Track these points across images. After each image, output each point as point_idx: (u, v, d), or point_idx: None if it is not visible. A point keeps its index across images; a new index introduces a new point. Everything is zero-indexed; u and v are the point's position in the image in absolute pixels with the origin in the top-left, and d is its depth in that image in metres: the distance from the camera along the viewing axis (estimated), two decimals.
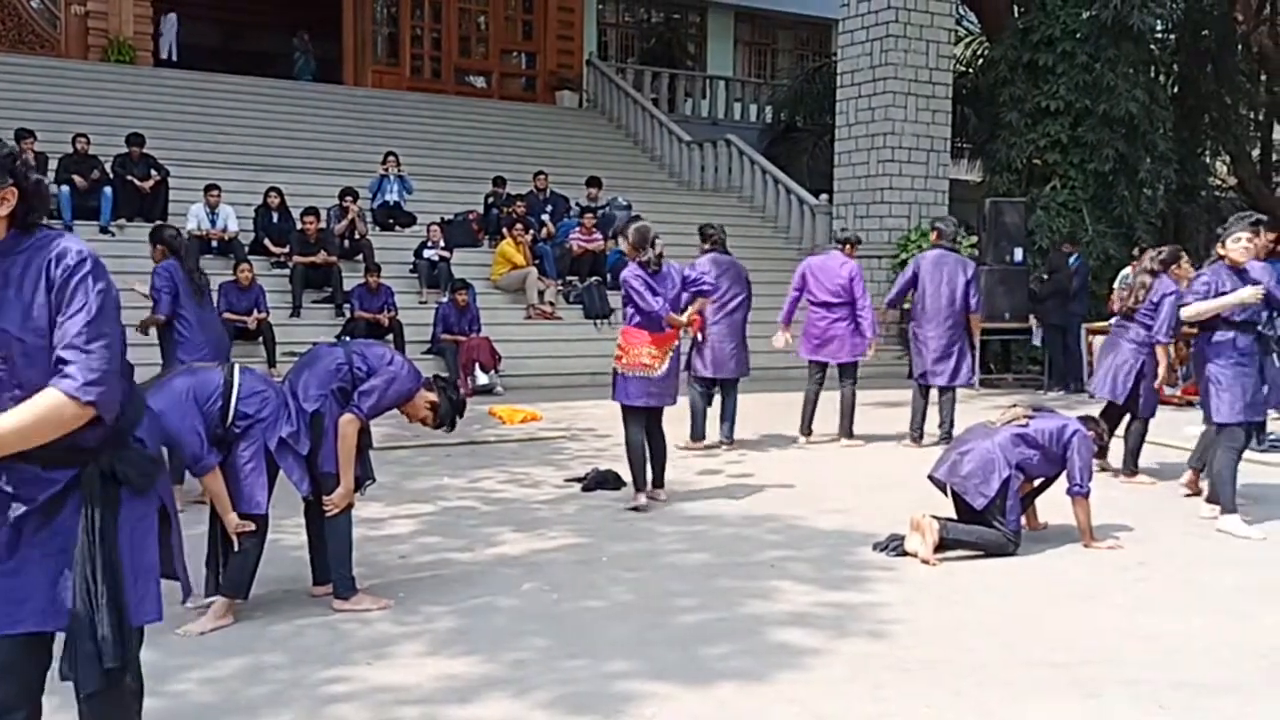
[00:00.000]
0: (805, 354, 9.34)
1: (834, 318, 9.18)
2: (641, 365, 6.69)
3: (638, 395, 6.73)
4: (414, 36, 22.54)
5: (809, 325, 9.30)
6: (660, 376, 6.74)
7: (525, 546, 5.87)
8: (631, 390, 6.73)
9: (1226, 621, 4.74)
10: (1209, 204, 18.92)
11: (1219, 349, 6.25)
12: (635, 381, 6.72)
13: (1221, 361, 6.24)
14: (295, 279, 12.84)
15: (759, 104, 24.43)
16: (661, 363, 6.73)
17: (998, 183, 16.44)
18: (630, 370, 6.72)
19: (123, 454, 2.51)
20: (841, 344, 9.19)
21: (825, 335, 9.21)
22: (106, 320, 2.37)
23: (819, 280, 9.24)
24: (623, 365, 6.76)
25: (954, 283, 9.02)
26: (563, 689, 3.89)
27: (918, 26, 15.63)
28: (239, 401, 4.51)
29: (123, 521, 2.51)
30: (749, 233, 17.34)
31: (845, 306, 9.19)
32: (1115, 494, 7.16)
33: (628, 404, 6.77)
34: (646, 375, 6.70)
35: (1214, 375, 6.25)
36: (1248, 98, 20.63)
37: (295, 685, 3.92)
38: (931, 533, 5.57)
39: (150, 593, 2.59)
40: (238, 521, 4.48)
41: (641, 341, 6.71)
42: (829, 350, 9.22)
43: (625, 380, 6.75)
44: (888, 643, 4.40)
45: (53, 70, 17.80)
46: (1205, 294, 6.27)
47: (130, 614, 2.51)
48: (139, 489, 2.53)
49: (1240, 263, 6.32)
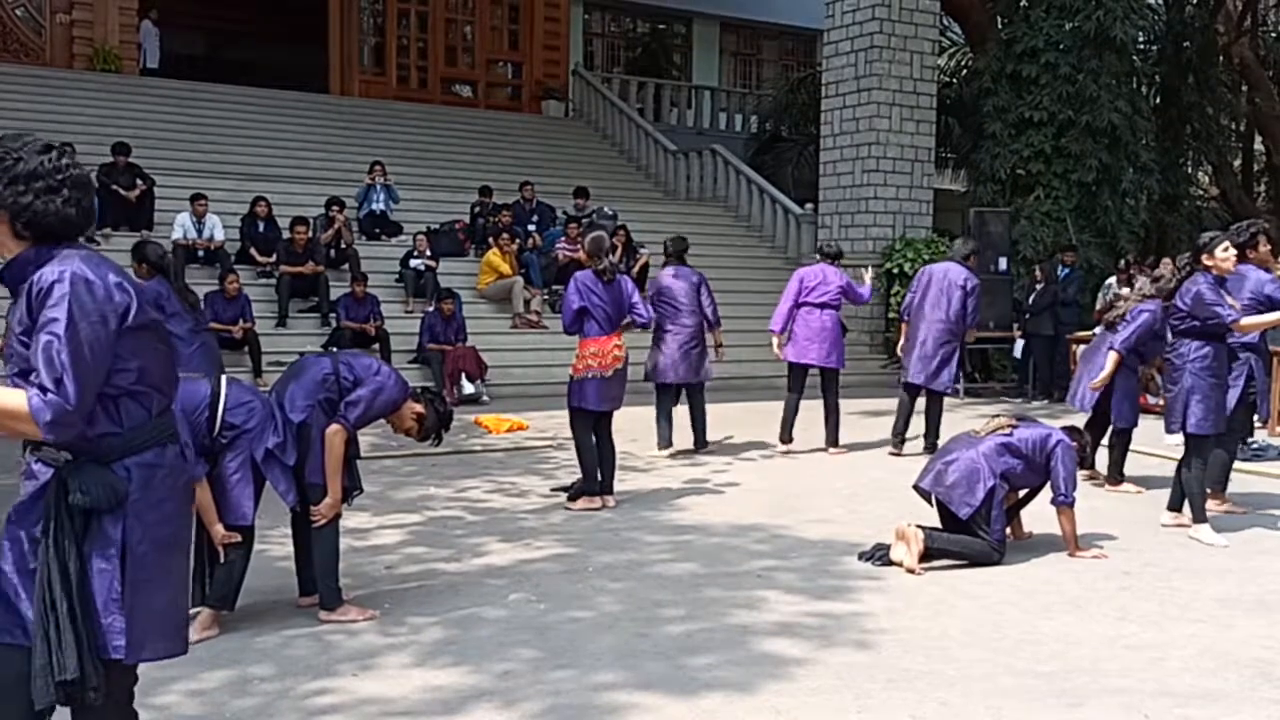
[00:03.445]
0: (791, 357, 9.36)
1: (825, 317, 9.28)
2: (596, 367, 6.93)
3: (595, 399, 6.97)
4: (400, 46, 22.54)
5: (799, 325, 9.33)
6: (612, 379, 6.98)
7: (512, 557, 5.87)
8: (590, 394, 6.95)
9: (1209, 631, 4.77)
10: (1191, 214, 19.05)
11: (1199, 360, 6.27)
12: (592, 384, 6.93)
13: (1202, 373, 6.26)
14: (281, 288, 12.81)
15: (744, 114, 24.50)
16: (612, 367, 6.96)
17: (982, 193, 16.52)
18: (587, 373, 6.94)
19: (82, 470, 2.41)
20: (829, 346, 9.25)
21: (816, 334, 9.25)
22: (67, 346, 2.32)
23: (813, 286, 9.32)
24: (579, 370, 6.97)
25: (951, 293, 9.13)
26: (549, 700, 3.89)
27: (902, 38, 15.71)
28: (226, 412, 4.51)
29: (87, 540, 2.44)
30: (735, 242, 17.41)
31: (835, 310, 9.35)
32: (1099, 503, 7.20)
33: (586, 408, 6.99)
34: (600, 377, 6.94)
35: (1194, 386, 6.25)
36: (1229, 108, 20.81)
37: (282, 697, 3.92)
38: (917, 542, 5.59)
39: (115, 625, 2.44)
40: (224, 533, 4.47)
41: (595, 345, 6.95)
42: (816, 351, 9.25)
43: (583, 385, 6.95)
44: (873, 653, 4.42)
45: (37, 79, 17.73)
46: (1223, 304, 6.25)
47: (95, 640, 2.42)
48: (82, 507, 2.41)
49: (1229, 273, 6.37)
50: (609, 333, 7.04)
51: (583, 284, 7.02)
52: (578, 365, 7.02)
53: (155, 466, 2.52)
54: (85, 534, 2.44)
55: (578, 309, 7.00)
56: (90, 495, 2.41)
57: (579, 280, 7.05)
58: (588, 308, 6.99)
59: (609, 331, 7.04)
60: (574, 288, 7.05)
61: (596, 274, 7.04)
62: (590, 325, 7.02)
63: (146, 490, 2.49)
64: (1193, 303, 6.23)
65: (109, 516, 2.45)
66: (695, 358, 9.12)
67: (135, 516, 2.48)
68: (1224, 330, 6.29)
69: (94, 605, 2.43)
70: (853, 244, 15.81)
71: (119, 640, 2.45)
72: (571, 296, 7.04)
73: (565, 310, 7.10)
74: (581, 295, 6.99)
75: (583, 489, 7.09)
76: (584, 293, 6.99)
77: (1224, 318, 6.17)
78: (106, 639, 2.44)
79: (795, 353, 9.36)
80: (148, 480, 2.50)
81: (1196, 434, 6.30)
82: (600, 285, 7.03)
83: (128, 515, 2.47)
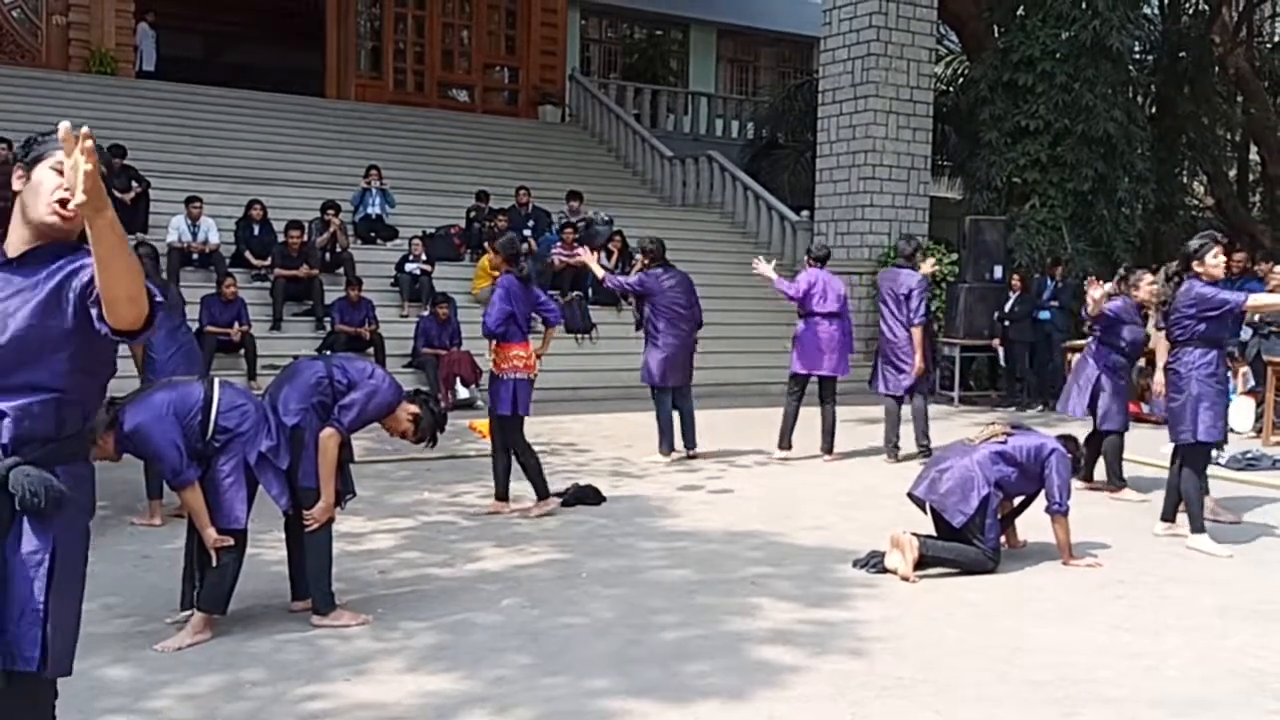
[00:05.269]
0: (803, 368, 9.35)
1: (835, 329, 9.31)
2: (523, 369, 6.98)
3: (525, 403, 7.05)
4: (397, 50, 22.53)
5: (812, 336, 9.27)
6: (532, 383, 7.09)
7: (505, 562, 5.85)
8: (523, 398, 7.00)
9: (1203, 640, 4.77)
10: (1186, 223, 19.07)
11: (1204, 368, 6.24)
12: (524, 386, 6.99)
13: (1208, 380, 6.23)
14: (276, 292, 12.79)
15: (741, 120, 24.53)
16: (532, 370, 7.07)
17: (978, 201, 16.55)
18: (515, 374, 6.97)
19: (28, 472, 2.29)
20: (839, 357, 9.31)
21: (827, 345, 9.27)
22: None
23: (825, 293, 9.31)
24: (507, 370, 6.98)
25: (895, 295, 9.17)
26: (543, 707, 3.88)
27: (899, 45, 15.72)
28: (219, 415, 4.49)
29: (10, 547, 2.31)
30: (730, 248, 17.40)
31: (843, 319, 9.38)
32: (1094, 512, 7.20)
33: (522, 414, 7.03)
34: (528, 379, 7.02)
35: (1201, 394, 6.20)
36: (1224, 118, 20.86)
37: (274, 701, 3.90)
38: (911, 550, 5.59)
39: (29, 635, 2.29)
40: (216, 536, 4.46)
41: (519, 349, 7.00)
42: (828, 363, 9.28)
43: (515, 387, 6.94)
44: (868, 660, 4.41)
45: (33, 80, 17.69)
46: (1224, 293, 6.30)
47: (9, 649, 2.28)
48: (26, 508, 2.28)
49: (1219, 279, 6.37)
50: (526, 338, 7.09)
51: (512, 289, 7.01)
52: (503, 366, 6.96)
53: (85, 478, 2.46)
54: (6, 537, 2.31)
55: (510, 313, 6.98)
56: (38, 497, 2.28)
57: (509, 286, 7.01)
58: (514, 313, 7.00)
59: (526, 336, 7.09)
60: (504, 293, 6.98)
61: (518, 277, 7.07)
62: (514, 330, 7.03)
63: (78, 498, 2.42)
64: (1196, 302, 6.17)
65: (39, 522, 2.33)
66: (691, 361, 9.21)
67: (66, 525, 2.38)
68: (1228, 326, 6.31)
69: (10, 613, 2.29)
70: (848, 251, 15.83)
71: (32, 651, 2.29)
72: (504, 301, 6.97)
73: (495, 314, 6.96)
74: (512, 300, 6.98)
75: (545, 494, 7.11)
76: (514, 298, 6.99)
77: (1235, 301, 6.22)
78: (18, 649, 2.29)
79: (806, 364, 9.34)
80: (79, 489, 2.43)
81: (1205, 442, 6.30)
82: (522, 289, 7.07)
83: (61, 522, 2.36)
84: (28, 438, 2.32)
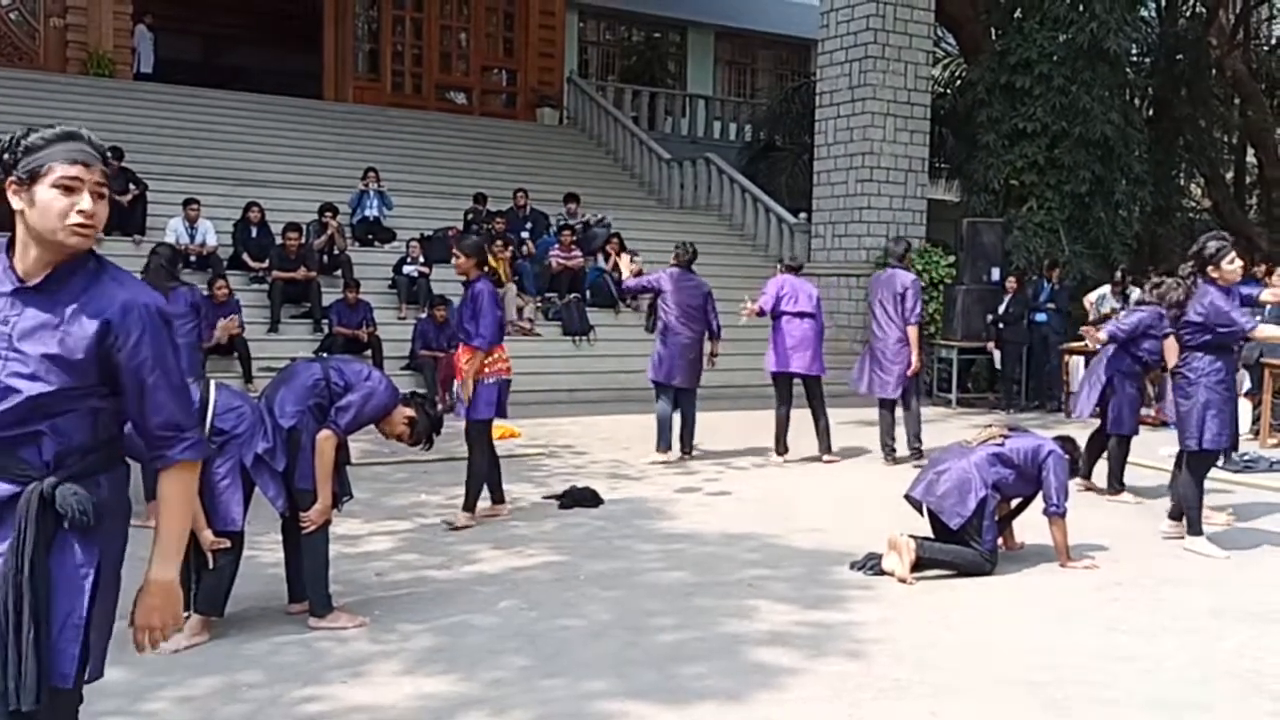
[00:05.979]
0: (775, 366, 9.39)
1: (807, 326, 9.34)
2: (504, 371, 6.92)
3: (505, 405, 6.99)
4: (395, 52, 22.54)
5: (782, 335, 9.34)
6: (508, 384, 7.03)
7: (503, 564, 5.85)
8: (502, 399, 6.93)
9: (1200, 642, 4.77)
10: (1183, 226, 19.10)
11: (1214, 374, 6.20)
12: (504, 388, 6.93)
13: (1217, 386, 6.19)
14: (274, 294, 12.78)
15: (738, 123, 24.53)
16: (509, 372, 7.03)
17: (975, 203, 16.56)
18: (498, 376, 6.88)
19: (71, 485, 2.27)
20: (810, 355, 9.30)
21: (799, 343, 9.29)
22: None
23: (795, 294, 9.37)
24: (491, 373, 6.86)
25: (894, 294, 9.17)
26: (540, 709, 3.88)
27: (896, 48, 15.74)
28: (215, 417, 4.49)
29: (55, 561, 2.28)
30: (728, 250, 17.40)
31: (814, 319, 9.39)
32: (1091, 514, 7.20)
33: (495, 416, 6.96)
34: (508, 380, 6.97)
35: (1209, 400, 6.16)
36: (1222, 121, 20.88)
37: (271, 704, 3.90)
38: (909, 552, 5.59)
39: (69, 653, 2.28)
40: (213, 539, 4.46)
41: (500, 350, 6.91)
42: (799, 360, 9.28)
43: (495, 390, 6.85)
44: (865, 662, 4.41)
45: (31, 82, 17.67)
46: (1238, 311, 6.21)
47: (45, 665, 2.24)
48: (76, 525, 2.26)
49: (1234, 283, 6.32)
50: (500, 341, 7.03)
51: (494, 293, 6.93)
52: (488, 369, 6.84)
53: (124, 480, 2.45)
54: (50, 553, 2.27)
55: (501, 318, 6.94)
56: (85, 513, 2.26)
57: (491, 291, 6.92)
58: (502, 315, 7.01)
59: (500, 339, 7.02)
60: (492, 299, 6.87)
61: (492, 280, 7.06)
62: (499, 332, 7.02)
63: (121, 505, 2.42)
64: (1209, 310, 6.10)
65: (84, 536, 2.30)
66: (699, 364, 9.24)
67: (111, 537, 2.37)
68: (1235, 341, 6.28)
69: (49, 630, 2.26)
70: (846, 253, 15.84)
71: (69, 669, 2.29)
72: (495, 308, 6.87)
73: (490, 322, 6.73)
74: (497, 304, 6.95)
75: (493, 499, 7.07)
76: (496, 301, 6.95)
77: (1242, 325, 6.14)
78: (55, 665, 2.28)
79: (778, 362, 9.38)
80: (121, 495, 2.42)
81: (1212, 449, 6.28)
82: (495, 291, 7.05)
83: (106, 535, 2.35)
84: (67, 451, 2.30)
